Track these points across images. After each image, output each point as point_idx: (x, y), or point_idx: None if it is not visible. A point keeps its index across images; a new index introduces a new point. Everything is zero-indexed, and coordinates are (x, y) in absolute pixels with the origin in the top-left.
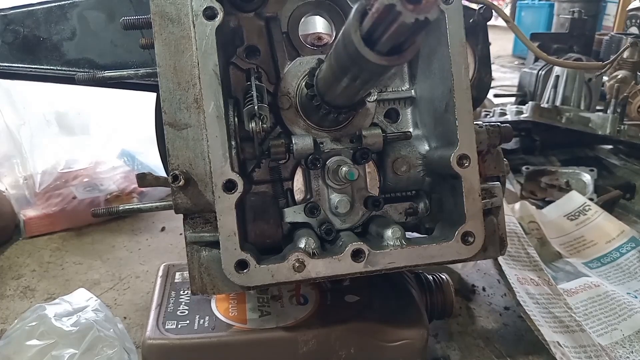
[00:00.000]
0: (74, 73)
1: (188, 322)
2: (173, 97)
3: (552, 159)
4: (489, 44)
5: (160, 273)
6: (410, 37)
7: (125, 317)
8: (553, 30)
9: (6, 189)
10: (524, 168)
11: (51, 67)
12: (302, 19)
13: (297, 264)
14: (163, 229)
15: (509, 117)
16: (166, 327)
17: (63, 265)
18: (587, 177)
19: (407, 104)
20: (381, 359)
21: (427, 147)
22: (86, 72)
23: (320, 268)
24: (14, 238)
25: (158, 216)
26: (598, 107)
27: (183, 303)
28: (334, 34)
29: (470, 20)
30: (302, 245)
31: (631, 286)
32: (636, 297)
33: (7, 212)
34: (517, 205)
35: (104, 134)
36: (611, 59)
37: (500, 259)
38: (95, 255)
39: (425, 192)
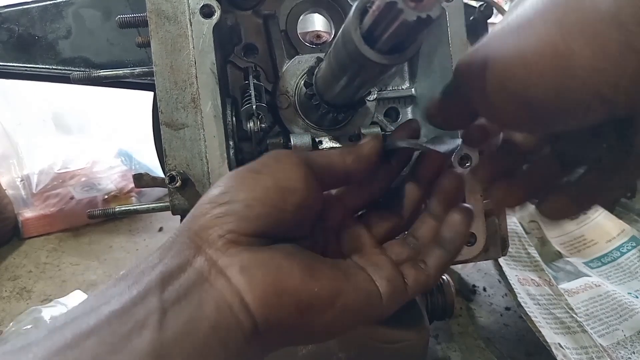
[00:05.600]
0: (70, 72)
1: None
2: (170, 96)
3: None
4: None
5: None
6: (412, 36)
7: None
8: None
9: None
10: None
11: (46, 66)
12: (301, 17)
13: None
14: (161, 229)
15: None
16: None
17: (60, 266)
18: None
19: (407, 103)
20: None
21: None
22: (81, 71)
23: None
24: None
25: (156, 216)
26: None
27: None
28: (333, 32)
29: (471, 18)
30: None
31: (632, 286)
32: (637, 297)
33: (9, 214)
34: None
35: (101, 133)
36: None
37: (500, 259)
38: (92, 256)
39: None
